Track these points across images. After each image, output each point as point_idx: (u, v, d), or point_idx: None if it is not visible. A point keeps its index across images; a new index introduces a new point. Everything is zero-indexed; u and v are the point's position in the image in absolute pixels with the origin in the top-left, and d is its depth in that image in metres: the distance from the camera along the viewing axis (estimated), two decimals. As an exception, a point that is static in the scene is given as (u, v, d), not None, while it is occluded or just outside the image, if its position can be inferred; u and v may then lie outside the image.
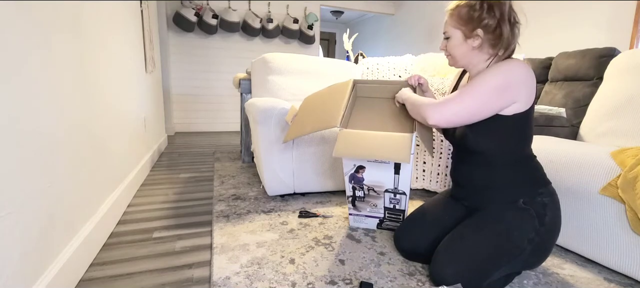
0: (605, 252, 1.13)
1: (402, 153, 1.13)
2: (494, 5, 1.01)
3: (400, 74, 2.46)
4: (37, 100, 0.88)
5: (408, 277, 1.10)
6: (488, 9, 1.01)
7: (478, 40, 1.03)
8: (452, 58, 1.12)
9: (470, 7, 1.03)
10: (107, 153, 1.47)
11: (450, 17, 1.07)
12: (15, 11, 0.80)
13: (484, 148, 1.06)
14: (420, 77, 1.37)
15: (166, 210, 1.65)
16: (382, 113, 1.38)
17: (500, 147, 1.04)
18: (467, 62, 1.09)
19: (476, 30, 1.02)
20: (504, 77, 0.97)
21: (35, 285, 0.84)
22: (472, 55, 1.07)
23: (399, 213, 1.38)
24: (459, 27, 1.06)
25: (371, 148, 1.17)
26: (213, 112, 4.58)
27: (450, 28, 1.08)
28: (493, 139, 1.03)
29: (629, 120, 1.41)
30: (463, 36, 1.06)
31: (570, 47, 2.20)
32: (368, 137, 1.22)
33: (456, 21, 1.06)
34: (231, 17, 4.26)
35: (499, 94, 0.97)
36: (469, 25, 1.03)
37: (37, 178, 0.87)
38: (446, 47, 1.11)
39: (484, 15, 1.01)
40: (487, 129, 1.02)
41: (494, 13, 1.00)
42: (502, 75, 0.97)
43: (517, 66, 0.97)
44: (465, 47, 1.06)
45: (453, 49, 1.09)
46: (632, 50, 1.60)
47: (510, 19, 1.02)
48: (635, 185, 1.01)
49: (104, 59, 1.49)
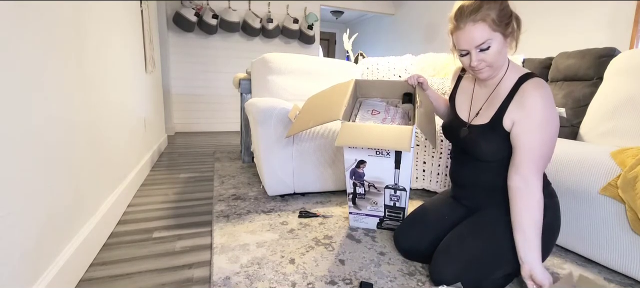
0: (605, 252, 1.13)
1: (402, 143, 1.14)
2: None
3: (400, 74, 2.46)
4: (36, 100, 0.88)
5: (408, 277, 1.10)
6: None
7: (513, 35, 0.99)
8: (492, 68, 1.01)
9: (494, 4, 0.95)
10: (107, 154, 1.47)
11: (482, 21, 0.94)
12: (15, 11, 0.80)
13: (490, 158, 1.06)
14: (420, 77, 1.36)
15: (166, 210, 1.65)
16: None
17: (505, 156, 1.03)
18: (503, 66, 1.04)
19: (510, 25, 0.97)
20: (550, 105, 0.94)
21: (35, 285, 0.84)
22: (506, 57, 1.03)
23: (399, 212, 1.38)
24: (497, 29, 0.95)
25: (372, 138, 1.19)
26: (213, 112, 4.58)
27: (488, 32, 0.95)
28: (501, 150, 1.03)
29: (629, 120, 1.41)
30: (503, 38, 0.97)
31: (570, 47, 2.19)
32: (369, 128, 1.24)
33: (491, 23, 0.94)
34: (231, 17, 4.26)
35: (556, 122, 0.95)
36: (503, 23, 0.96)
37: (37, 178, 0.87)
38: (485, 58, 0.98)
39: (505, 3, 0.97)
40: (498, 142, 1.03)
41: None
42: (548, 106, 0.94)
43: (546, 93, 0.95)
44: (505, 49, 1.00)
45: (495, 55, 0.98)
46: (632, 50, 1.60)
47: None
48: (635, 185, 1.01)
49: (104, 59, 1.49)
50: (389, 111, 1.41)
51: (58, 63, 1.02)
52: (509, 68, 1.05)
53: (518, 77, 1.01)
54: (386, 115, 1.40)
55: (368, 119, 1.39)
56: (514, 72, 1.03)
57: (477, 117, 1.10)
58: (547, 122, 0.93)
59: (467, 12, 0.96)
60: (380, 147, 1.17)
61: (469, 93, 1.18)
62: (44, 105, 0.92)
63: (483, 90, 1.12)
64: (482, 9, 0.94)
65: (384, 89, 1.50)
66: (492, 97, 1.07)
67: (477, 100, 1.13)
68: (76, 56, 1.16)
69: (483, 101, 1.10)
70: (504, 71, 1.05)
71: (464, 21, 0.97)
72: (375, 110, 1.43)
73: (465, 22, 0.96)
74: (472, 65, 1.00)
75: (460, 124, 1.15)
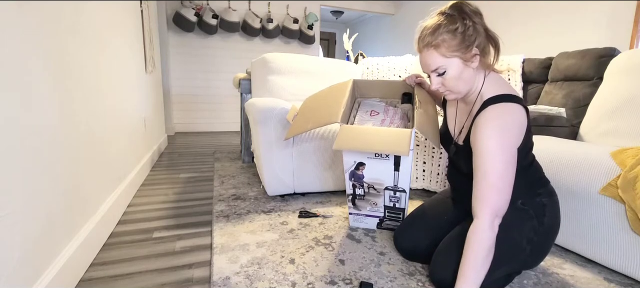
0: (605, 252, 1.13)
1: (401, 147, 1.13)
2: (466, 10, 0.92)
3: (400, 74, 2.46)
4: (36, 100, 0.88)
5: (408, 277, 1.10)
6: (466, 18, 0.91)
7: (477, 58, 0.93)
8: (453, 92, 0.98)
9: (453, 27, 0.90)
10: (107, 153, 1.47)
11: (436, 48, 0.91)
12: (15, 11, 0.80)
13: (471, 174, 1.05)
14: (418, 76, 1.36)
15: (166, 210, 1.65)
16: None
17: None
18: (469, 88, 0.98)
19: (471, 48, 0.92)
20: (500, 134, 0.88)
21: (35, 285, 0.84)
22: (473, 78, 0.97)
23: (398, 212, 1.38)
24: (452, 55, 0.92)
25: (371, 142, 1.18)
26: (213, 112, 4.58)
27: (440, 60, 0.92)
28: None
29: (629, 120, 1.41)
30: (462, 62, 0.93)
31: (570, 47, 2.19)
32: (368, 131, 1.23)
33: (446, 49, 0.91)
34: (231, 17, 4.26)
35: (508, 150, 0.88)
36: (463, 47, 0.91)
37: (37, 178, 0.87)
38: (444, 82, 0.96)
39: (470, 26, 0.91)
40: None
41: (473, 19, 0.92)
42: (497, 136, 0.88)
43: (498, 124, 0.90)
44: (467, 72, 0.95)
45: (453, 80, 0.94)
46: (632, 50, 1.60)
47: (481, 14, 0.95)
48: (635, 185, 1.01)
49: (104, 59, 1.49)
50: (388, 112, 1.41)
51: (58, 63, 1.02)
52: (485, 85, 0.99)
53: (483, 102, 0.96)
54: (385, 116, 1.39)
55: (367, 120, 1.38)
56: (489, 90, 0.98)
57: (460, 134, 1.09)
58: (492, 152, 0.87)
59: (424, 35, 0.94)
60: (379, 151, 1.16)
61: (455, 105, 1.16)
62: (44, 104, 0.92)
63: (465, 106, 1.09)
64: (438, 34, 0.91)
65: (382, 89, 1.50)
66: (469, 116, 1.04)
67: (461, 115, 1.11)
68: (76, 56, 1.16)
69: (464, 118, 1.08)
70: (478, 89, 0.99)
71: (421, 45, 0.96)
72: (374, 111, 1.43)
73: (422, 46, 0.96)
74: (432, 88, 1.00)
75: (450, 139, 1.15)
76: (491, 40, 0.95)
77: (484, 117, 0.93)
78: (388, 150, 1.14)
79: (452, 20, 0.92)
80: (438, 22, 0.93)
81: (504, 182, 0.89)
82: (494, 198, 0.88)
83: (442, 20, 0.93)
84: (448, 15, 0.94)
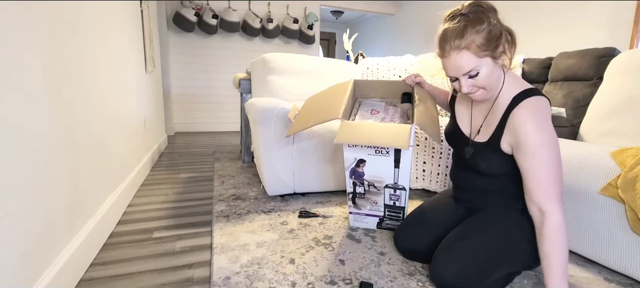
0: (605, 252, 1.13)
1: (401, 140, 1.14)
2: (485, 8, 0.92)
3: (400, 74, 2.47)
4: (36, 99, 0.88)
5: (408, 277, 1.10)
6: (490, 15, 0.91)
7: (504, 55, 0.93)
8: (486, 90, 0.96)
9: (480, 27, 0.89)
10: (107, 153, 1.47)
11: (467, 49, 0.90)
12: (15, 11, 0.80)
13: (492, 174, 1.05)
14: (417, 76, 1.36)
15: (166, 210, 1.65)
16: None
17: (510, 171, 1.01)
18: (498, 85, 0.98)
19: (499, 45, 0.91)
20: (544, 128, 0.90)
21: (35, 285, 0.84)
22: (501, 75, 0.97)
23: (398, 211, 1.38)
24: (484, 54, 0.90)
25: (371, 136, 1.19)
26: (213, 112, 4.58)
27: (473, 61, 0.91)
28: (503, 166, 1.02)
29: (629, 120, 1.41)
30: (493, 61, 0.93)
31: (570, 47, 2.19)
32: (369, 126, 1.24)
33: (477, 50, 0.90)
34: (231, 17, 4.26)
35: (555, 140, 0.90)
36: (493, 45, 0.90)
37: (37, 178, 0.87)
38: (476, 83, 0.94)
39: (494, 24, 0.91)
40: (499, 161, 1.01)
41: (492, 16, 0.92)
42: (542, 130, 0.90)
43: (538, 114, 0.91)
44: (496, 71, 0.95)
45: (486, 79, 0.94)
46: (632, 50, 1.59)
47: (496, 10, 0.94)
48: (635, 185, 1.01)
49: (104, 59, 1.49)
50: (388, 111, 1.42)
51: (58, 62, 1.02)
52: (505, 82, 0.99)
53: (513, 96, 0.96)
54: (385, 114, 1.40)
55: (367, 119, 1.39)
56: (511, 87, 0.98)
57: (479, 134, 1.07)
58: (543, 146, 0.89)
59: (451, 39, 0.91)
60: (379, 144, 1.17)
61: (469, 103, 1.15)
62: (44, 105, 0.92)
63: (482, 104, 1.08)
64: (467, 35, 0.89)
65: (382, 89, 1.50)
66: (490, 114, 1.03)
67: (477, 115, 1.10)
68: (76, 56, 1.16)
69: (482, 116, 1.07)
70: (500, 87, 0.99)
71: (448, 49, 0.92)
72: (375, 110, 1.43)
73: (449, 50, 0.92)
74: (463, 91, 0.97)
75: (463, 139, 1.13)
76: (508, 35, 0.94)
77: (521, 114, 0.92)
78: (388, 143, 1.15)
79: (478, 20, 0.90)
80: (463, 23, 0.90)
81: (560, 171, 0.90)
82: (558, 190, 0.89)
83: (467, 21, 0.90)
84: (470, 15, 0.91)
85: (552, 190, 0.89)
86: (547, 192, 0.89)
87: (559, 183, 0.90)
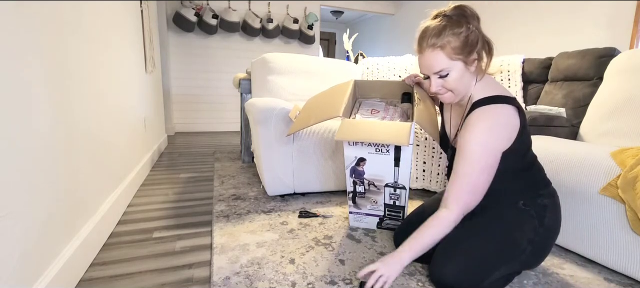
0: (605, 252, 1.13)
1: (401, 137, 1.15)
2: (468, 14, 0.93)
3: (400, 74, 2.46)
4: (36, 99, 0.88)
5: (408, 277, 1.10)
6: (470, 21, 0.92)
7: (476, 62, 0.95)
8: (454, 94, 0.99)
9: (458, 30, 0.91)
10: (107, 153, 1.47)
11: (441, 49, 0.92)
12: (15, 11, 0.80)
13: None
14: (417, 75, 1.36)
15: (166, 210, 1.65)
16: None
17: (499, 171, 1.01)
18: (467, 91, 0.99)
19: (473, 52, 0.93)
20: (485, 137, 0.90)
21: (35, 285, 0.84)
22: (472, 81, 0.98)
23: (398, 211, 1.38)
24: (457, 57, 0.92)
25: (372, 133, 1.20)
26: (213, 112, 4.58)
27: (445, 62, 0.93)
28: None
29: (629, 120, 1.41)
30: (464, 65, 0.94)
31: (570, 47, 2.20)
32: (369, 124, 1.26)
33: (451, 52, 0.92)
34: (231, 17, 4.26)
35: (491, 153, 0.91)
36: (467, 50, 0.92)
37: (37, 179, 0.87)
38: (445, 84, 0.96)
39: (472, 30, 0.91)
40: None
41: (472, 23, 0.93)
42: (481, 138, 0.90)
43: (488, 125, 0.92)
44: (467, 75, 0.96)
45: (455, 82, 0.95)
46: (632, 50, 1.60)
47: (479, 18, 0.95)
48: (635, 185, 1.01)
49: (104, 59, 1.49)
50: (389, 110, 1.42)
51: (58, 62, 1.02)
52: (477, 88, 1.00)
53: (473, 103, 0.98)
54: (385, 113, 1.40)
55: (368, 118, 1.39)
56: (478, 94, 0.99)
57: (456, 137, 1.10)
58: (477, 155, 0.90)
59: (429, 36, 0.93)
60: (380, 141, 1.18)
61: (449, 108, 1.17)
62: (44, 104, 0.92)
63: (459, 109, 1.10)
64: (444, 35, 0.91)
65: (382, 89, 1.50)
66: (461, 118, 1.06)
67: (455, 118, 1.13)
68: (76, 56, 1.16)
69: (458, 121, 1.10)
70: (469, 92, 1.01)
71: (425, 45, 0.94)
72: (375, 109, 1.43)
73: (425, 46, 0.94)
74: (432, 91, 0.99)
75: (447, 142, 1.17)
76: (486, 45, 0.96)
77: (471, 119, 0.95)
78: (388, 140, 1.16)
79: (457, 23, 0.92)
80: (443, 23, 0.93)
81: (481, 185, 0.93)
82: (469, 198, 0.93)
83: (447, 22, 0.92)
84: (452, 17, 0.93)
85: (462, 195, 0.94)
86: (457, 195, 0.94)
87: (473, 195, 0.93)
